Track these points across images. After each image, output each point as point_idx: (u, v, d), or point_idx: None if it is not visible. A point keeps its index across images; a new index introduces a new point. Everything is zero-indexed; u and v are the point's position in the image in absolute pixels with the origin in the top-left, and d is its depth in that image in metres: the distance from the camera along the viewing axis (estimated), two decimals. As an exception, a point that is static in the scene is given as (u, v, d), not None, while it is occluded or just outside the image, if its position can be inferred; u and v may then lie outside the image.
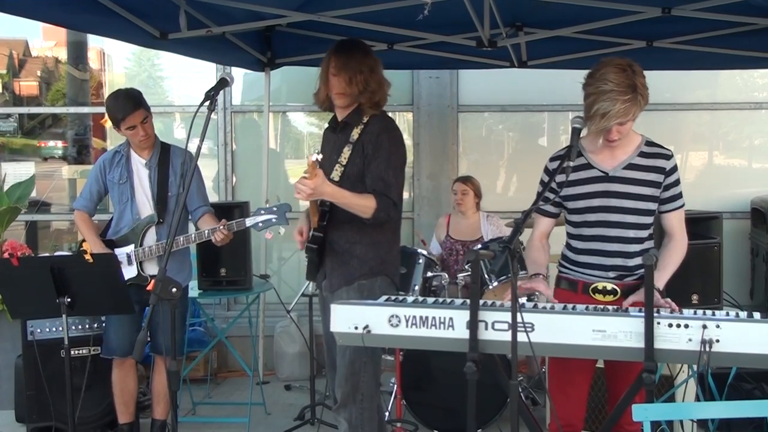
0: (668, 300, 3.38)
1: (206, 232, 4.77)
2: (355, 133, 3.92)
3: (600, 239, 3.62)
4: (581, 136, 3.51)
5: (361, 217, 3.78)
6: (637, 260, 3.58)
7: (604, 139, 3.50)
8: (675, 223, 3.65)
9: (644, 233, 3.60)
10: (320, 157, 3.46)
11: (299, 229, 4.10)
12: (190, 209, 5.03)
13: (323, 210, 3.90)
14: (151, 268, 4.91)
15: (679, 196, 3.62)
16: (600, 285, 3.59)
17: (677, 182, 3.60)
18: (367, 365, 3.92)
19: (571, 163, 3.42)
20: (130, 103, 4.77)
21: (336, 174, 3.90)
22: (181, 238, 4.85)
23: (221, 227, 4.70)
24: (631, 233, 3.57)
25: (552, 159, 3.66)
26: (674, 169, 3.58)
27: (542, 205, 3.79)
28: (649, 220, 3.62)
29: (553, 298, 3.53)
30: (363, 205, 3.75)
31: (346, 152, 3.91)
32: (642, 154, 3.55)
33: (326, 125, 4.24)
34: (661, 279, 3.50)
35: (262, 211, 4.61)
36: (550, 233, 3.90)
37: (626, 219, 3.56)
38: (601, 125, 3.36)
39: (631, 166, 3.55)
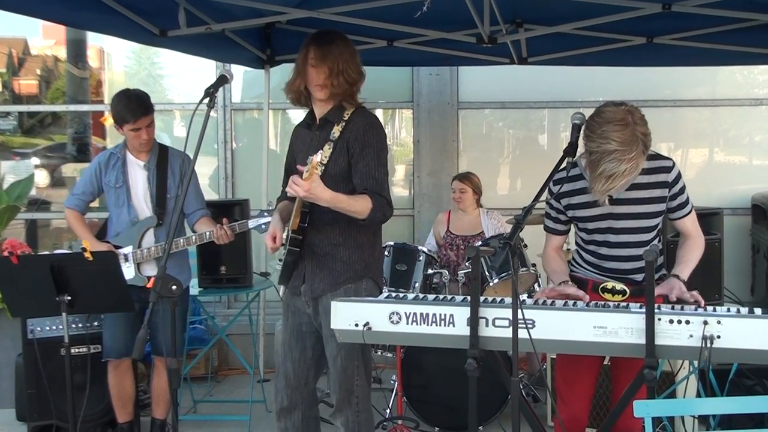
0: (694, 293, 3.40)
1: (207, 233, 4.78)
2: (336, 131, 3.75)
3: (607, 258, 3.64)
4: (581, 155, 3.49)
5: (357, 218, 3.60)
6: (641, 276, 3.60)
7: None
8: (689, 225, 3.67)
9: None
10: (323, 157, 3.32)
11: (272, 233, 3.81)
12: (186, 212, 5.03)
13: (303, 211, 3.71)
14: (149, 270, 4.91)
15: (687, 202, 3.62)
16: (609, 284, 3.59)
17: (683, 189, 3.58)
18: (359, 368, 3.84)
19: (570, 159, 3.43)
20: (141, 107, 4.79)
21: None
22: (181, 240, 4.86)
23: (225, 228, 4.70)
24: (639, 251, 3.56)
25: (555, 182, 3.58)
26: (677, 178, 3.55)
27: (552, 224, 3.82)
28: (654, 233, 3.63)
29: (587, 298, 3.51)
30: (360, 206, 3.57)
31: (327, 151, 3.73)
32: (643, 171, 3.50)
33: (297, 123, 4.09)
34: (684, 272, 3.53)
35: (266, 213, 4.60)
36: (563, 244, 3.91)
37: (634, 239, 3.58)
38: (608, 187, 3.32)
39: (634, 186, 3.52)
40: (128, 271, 4.85)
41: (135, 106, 4.79)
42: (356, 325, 3.27)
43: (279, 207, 4.01)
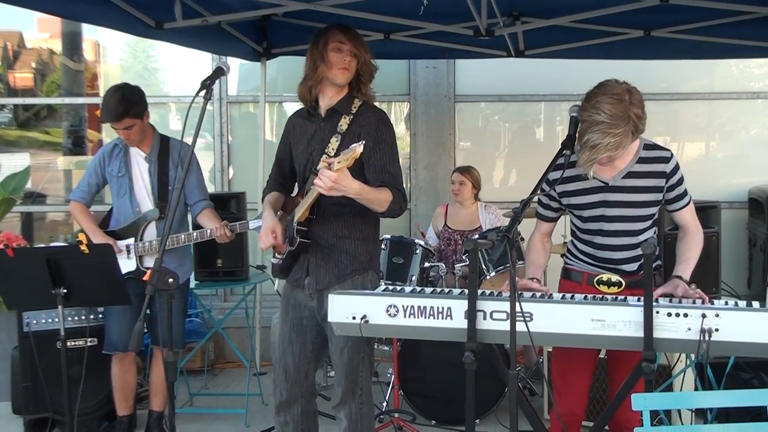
0: (698, 291, 3.39)
1: (208, 231, 4.78)
2: (344, 123, 3.74)
3: (601, 247, 3.62)
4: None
5: (376, 210, 3.61)
6: (635, 265, 3.60)
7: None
8: (687, 217, 3.65)
9: (644, 237, 3.60)
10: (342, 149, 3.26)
11: (271, 228, 3.75)
12: (189, 203, 5.02)
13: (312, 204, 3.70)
14: (151, 263, 4.88)
15: (685, 193, 3.60)
16: (605, 277, 3.58)
17: (681, 180, 3.56)
18: (364, 360, 3.85)
19: (568, 152, 3.42)
20: (113, 113, 4.74)
21: (323, 165, 3.62)
22: (183, 236, 4.84)
23: (226, 230, 4.70)
24: (634, 240, 3.57)
25: (553, 169, 3.56)
26: (675, 169, 3.53)
27: (542, 210, 3.80)
28: (650, 222, 3.61)
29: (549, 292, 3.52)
30: (382, 199, 3.57)
31: (334, 143, 3.72)
32: (641, 160, 3.51)
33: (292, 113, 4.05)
34: (685, 271, 3.51)
35: None
36: (551, 231, 3.89)
37: (627, 227, 3.56)
38: (591, 157, 3.30)
39: (630, 174, 3.51)
40: (129, 264, 4.85)
41: (109, 108, 4.76)
42: (353, 318, 3.26)
43: (269, 200, 3.97)
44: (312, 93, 3.81)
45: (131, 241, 4.91)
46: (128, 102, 4.76)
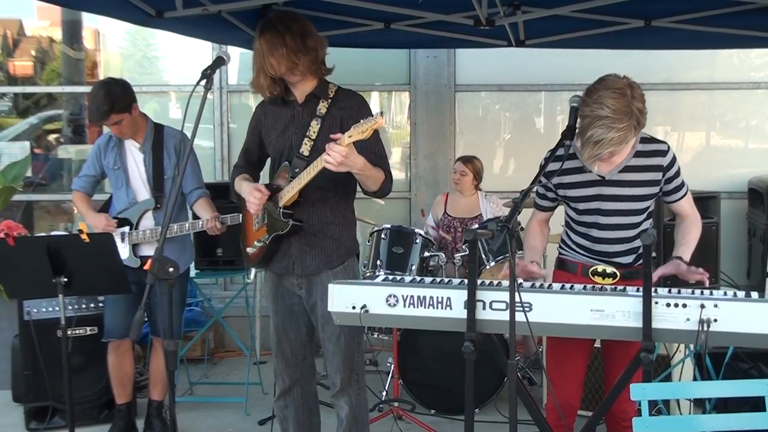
0: (699, 269, 3.41)
1: (200, 223, 4.80)
2: (322, 107, 3.71)
3: (597, 240, 3.63)
4: (575, 136, 3.47)
5: (370, 190, 3.61)
6: (630, 258, 3.62)
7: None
8: (685, 207, 3.66)
9: (639, 230, 3.60)
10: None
11: (254, 187, 3.74)
12: (185, 192, 5.02)
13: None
14: (148, 252, 4.89)
15: (683, 184, 3.61)
16: (599, 267, 3.58)
17: (678, 173, 3.57)
18: (358, 345, 3.89)
19: (568, 142, 3.41)
20: (102, 109, 4.72)
21: (306, 149, 3.69)
22: (175, 226, 4.84)
23: (216, 222, 4.71)
24: (630, 233, 3.58)
25: (546, 159, 3.55)
26: (672, 162, 3.53)
27: (538, 200, 3.81)
28: (645, 215, 3.62)
29: (548, 279, 3.53)
30: (379, 177, 3.59)
31: (315, 126, 3.69)
32: (638, 154, 3.51)
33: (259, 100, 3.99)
34: (685, 253, 3.53)
35: None
36: (549, 218, 3.89)
37: (623, 221, 3.56)
38: (594, 152, 3.30)
39: (627, 168, 3.51)
40: (123, 252, 4.85)
41: (95, 108, 4.75)
42: (353, 307, 3.27)
43: (243, 178, 3.96)
44: (276, 87, 3.74)
45: (126, 229, 4.92)
46: (112, 98, 4.72)
